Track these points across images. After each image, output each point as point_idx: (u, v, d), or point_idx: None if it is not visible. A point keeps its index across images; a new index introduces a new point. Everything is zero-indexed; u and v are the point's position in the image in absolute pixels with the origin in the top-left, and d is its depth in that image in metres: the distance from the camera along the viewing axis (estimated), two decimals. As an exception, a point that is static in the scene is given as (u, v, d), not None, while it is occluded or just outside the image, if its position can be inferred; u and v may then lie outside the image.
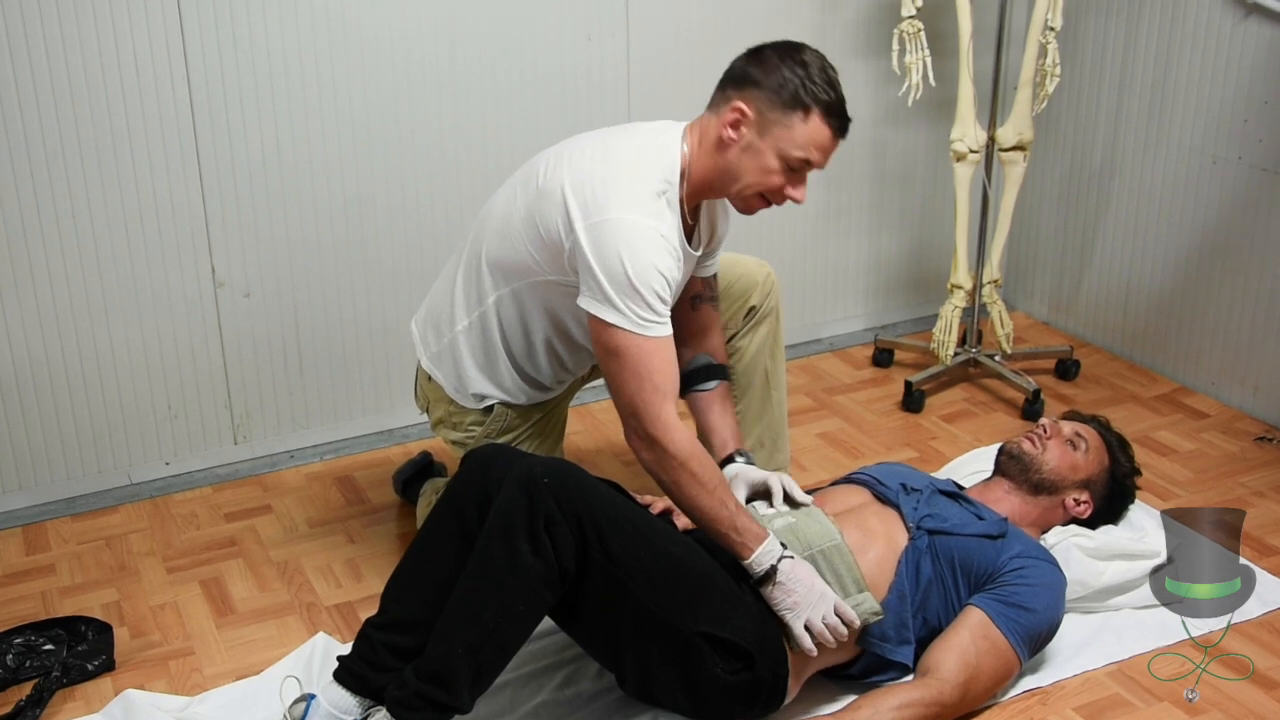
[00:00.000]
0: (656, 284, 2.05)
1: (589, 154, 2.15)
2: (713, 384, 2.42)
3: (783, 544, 2.09)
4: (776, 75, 2.09)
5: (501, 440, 2.38)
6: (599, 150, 2.16)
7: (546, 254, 2.16)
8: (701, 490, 2.06)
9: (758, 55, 2.14)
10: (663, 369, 2.06)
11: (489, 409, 2.38)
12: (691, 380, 2.43)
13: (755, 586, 2.07)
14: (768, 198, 2.17)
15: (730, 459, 2.34)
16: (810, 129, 2.10)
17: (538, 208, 2.15)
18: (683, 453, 2.05)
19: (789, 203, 2.17)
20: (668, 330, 2.08)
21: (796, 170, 2.13)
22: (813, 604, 2.05)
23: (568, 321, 2.29)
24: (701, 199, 2.23)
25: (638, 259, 2.04)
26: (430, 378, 2.42)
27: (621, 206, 2.06)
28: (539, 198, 2.15)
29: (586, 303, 2.08)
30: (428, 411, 2.49)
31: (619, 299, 2.03)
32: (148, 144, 2.72)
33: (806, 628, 2.04)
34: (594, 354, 2.09)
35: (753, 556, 2.05)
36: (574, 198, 2.09)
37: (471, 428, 2.40)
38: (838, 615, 2.06)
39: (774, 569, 2.04)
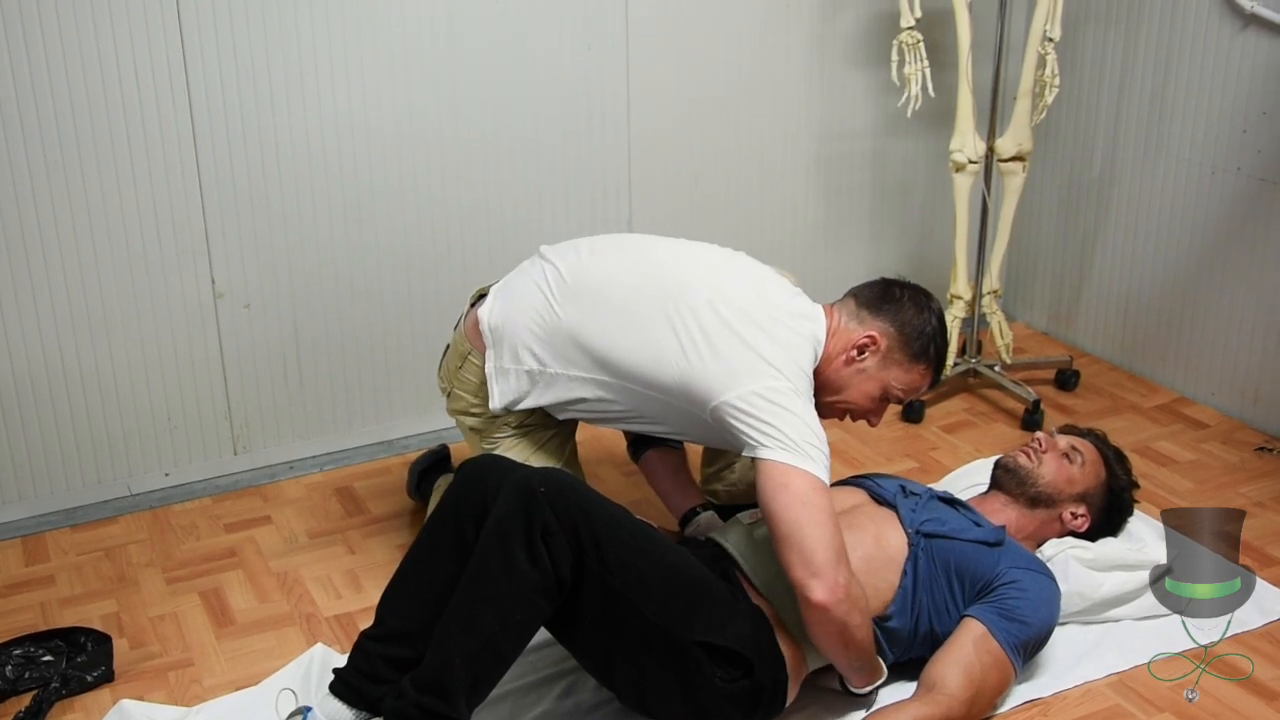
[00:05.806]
0: (827, 449, 2.08)
1: (753, 321, 2.16)
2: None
3: None
4: (914, 323, 2.25)
5: (517, 430, 2.42)
6: (763, 322, 2.17)
7: (689, 389, 2.16)
8: (866, 631, 2.08)
9: (895, 291, 2.29)
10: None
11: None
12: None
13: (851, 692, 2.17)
14: (853, 416, 2.32)
15: (695, 511, 2.52)
16: (922, 377, 2.28)
17: (702, 358, 2.15)
18: (861, 586, 2.07)
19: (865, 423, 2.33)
20: None
21: (885, 401, 2.30)
22: None
23: (666, 427, 2.34)
24: None
25: (817, 426, 2.09)
26: (462, 366, 2.43)
27: (796, 396, 2.10)
28: (704, 348, 2.15)
29: (771, 454, 2.03)
30: (448, 396, 2.51)
31: (810, 449, 2.04)
32: (148, 154, 2.73)
33: None
34: (765, 506, 2.04)
35: (877, 683, 2.15)
36: (750, 366, 2.11)
37: (494, 422, 2.43)
38: None
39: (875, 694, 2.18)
